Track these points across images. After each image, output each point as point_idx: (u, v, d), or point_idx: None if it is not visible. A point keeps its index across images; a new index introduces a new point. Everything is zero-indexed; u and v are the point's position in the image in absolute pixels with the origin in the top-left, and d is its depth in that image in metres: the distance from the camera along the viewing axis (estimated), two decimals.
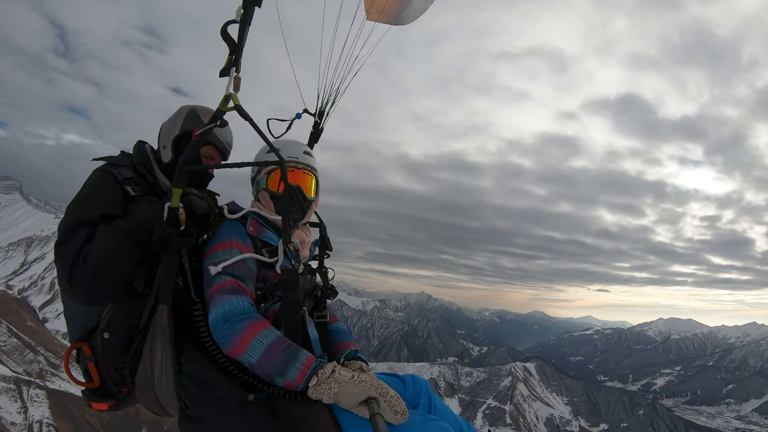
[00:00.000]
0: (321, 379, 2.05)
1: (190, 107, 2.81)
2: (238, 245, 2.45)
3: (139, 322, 2.32)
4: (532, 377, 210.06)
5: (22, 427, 59.55)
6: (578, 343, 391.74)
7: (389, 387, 2.10)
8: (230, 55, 2.28)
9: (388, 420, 2.01)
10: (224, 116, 2.35)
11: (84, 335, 2.48)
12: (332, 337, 2.87)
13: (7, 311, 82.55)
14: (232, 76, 2.28)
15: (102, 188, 2.48)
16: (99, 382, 2.45)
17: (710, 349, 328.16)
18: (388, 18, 3.47)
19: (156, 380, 2.24)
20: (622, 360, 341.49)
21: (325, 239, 2.98)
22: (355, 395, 2.04)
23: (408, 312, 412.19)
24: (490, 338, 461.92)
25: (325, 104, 3.35)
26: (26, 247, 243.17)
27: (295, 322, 2.34)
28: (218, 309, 2.19)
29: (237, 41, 2.26)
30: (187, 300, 2.33)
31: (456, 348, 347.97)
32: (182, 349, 2.26)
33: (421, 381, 2.62)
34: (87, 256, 2.25)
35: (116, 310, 2.42)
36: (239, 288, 2.28)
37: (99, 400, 2.54)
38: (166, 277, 2.28)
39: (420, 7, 3.60)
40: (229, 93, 2.29)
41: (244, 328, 2.13)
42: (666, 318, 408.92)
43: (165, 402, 2.28)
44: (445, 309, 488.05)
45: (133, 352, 2.32)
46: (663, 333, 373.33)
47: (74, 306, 2.57)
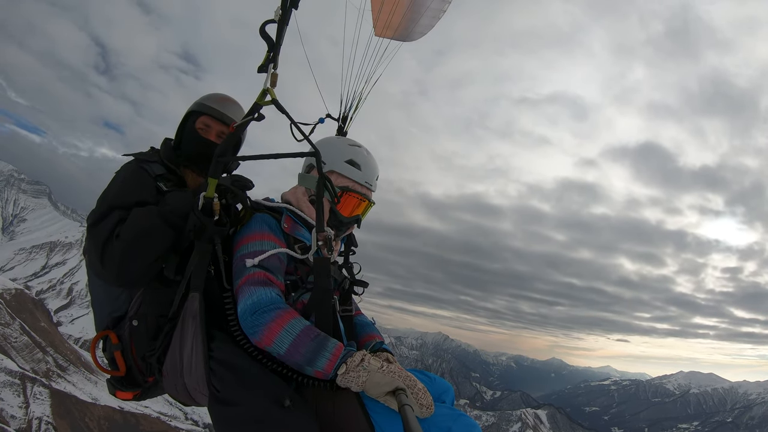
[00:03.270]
0: (350, 367, 2.04)
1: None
2: (271, 238, 2.42)
3: (168, 311, 2.34)
4: (542, 425, 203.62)
5: (22, 422, 60.21)
6: (595, 393, 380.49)
7: (417, 379, 2.11)
8: (268, 53, 2.38)
9: (415, 412, 1.99)
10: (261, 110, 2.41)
11: (111, 323, 2.48)
12: (358, 329, 2.86)
13: (23, 310, 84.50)
14: (269, 72, 2.38)
15: (136, 179, 2.55)
16: (125, 370, 2.45)
17: (730, 405, 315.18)
18: (397, 35, 3.48)
19: (185, 367, 2.22)
20: (638, 412, 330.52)
21: (352, 235, 2.98)
22: (383, 385, 2.04)
23: (423, 351, 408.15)
24: (505, 383, 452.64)
25: (348, 109, 3.32)
26: (49, 251, 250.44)
27: (326, 311, 2.35)
28: (246, 300, 2.18)
29: (275, 39, 2.37)
30: (218, 288, 2.34)
31: (469, 390, 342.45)
32: (212, 336, 2.26)
33: (448, 385, 2.63)
34: (120, 233, 2.29)
35: (145, 298, 2.42)
36: (268, 280, 2.26)
37: (124, 389, 2.52)
38: (198, 265, 2.29)
39: (427, 24, 3.62)
40: (266, 88, 2.37)
41: (272, 319, 2.11)
42: (686, 371, 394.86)
43: (194, 389, 2.25)
44: (462, 350, 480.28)
45: (161, 339, 2.32)
46: (682, 386, 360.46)
47: (102, 294, 2.56)
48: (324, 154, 2.58)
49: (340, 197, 2.61)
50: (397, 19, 3.41)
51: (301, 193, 2.71)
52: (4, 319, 77.04)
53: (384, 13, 3.38)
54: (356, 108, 3.33)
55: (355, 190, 2.63)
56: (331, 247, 2.48)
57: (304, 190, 2.71)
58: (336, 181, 2.62)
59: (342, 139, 2.87)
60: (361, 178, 2.65)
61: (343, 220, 2.65)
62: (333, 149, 2.68)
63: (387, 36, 3.36)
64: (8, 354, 70.98)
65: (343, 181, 2.63)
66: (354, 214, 2.69)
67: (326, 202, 2.59)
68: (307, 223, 2.62)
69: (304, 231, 2.59)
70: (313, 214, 2.59)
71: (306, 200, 2.68)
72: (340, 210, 2.62)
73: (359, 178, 2.65)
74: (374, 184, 2.75)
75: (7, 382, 62.94)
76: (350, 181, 2.63)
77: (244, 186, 2.72)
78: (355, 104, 3.32)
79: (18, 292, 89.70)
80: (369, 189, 2.72)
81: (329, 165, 2.63)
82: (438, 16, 3.62)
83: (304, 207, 2.66)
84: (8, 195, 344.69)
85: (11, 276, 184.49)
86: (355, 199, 2.65)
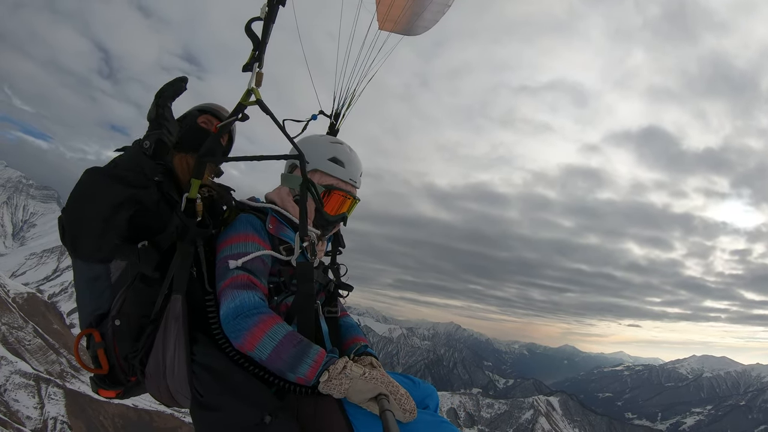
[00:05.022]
0: (332, 375, 2.03)
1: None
2: (255, 239, 2.39)
3: (150, 311, 2.30)
4: (554, 411, 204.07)
5: (38, 422, 61.42)
6: (608, 379, 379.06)
7: (400, 385, 2.10)
8: (253, 51, 2.31)
9: (397, 418, 1.99)
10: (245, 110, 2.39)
11: (95, 321, 2.44)
12: (342, 331, 2.83)
13: (35, 313, 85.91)
14: (254, 72, 2.32)
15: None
16: (108, 369, 2.42)
17: (743, 388, 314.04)
18: (401, 29, 3.46)
19: (168, 370, 2.20)
20: (651, 397, 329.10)
21: (339, 235, 2.93)
22: (365, 392, 2.03)
23: (435, 341, 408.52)
24: (518, 371, 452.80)
25: (341, 106, 3.24)
26: (60, 255, 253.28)
27: (308, 315, 2.35)
28: (229, 303, 2.16)
29: (261, 38, 2.30)
30: (200, 291, 2.31)
31: (482, 379, 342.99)
32: (195, 339, 2.24)
33: (432, 389, 2.63)
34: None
35: (128, 296, 2.37)
36: (251, 283, 2.24)
37: (107, 387, 2.50)
38: (181, 266, 2.25)
39: (431, 19, 3.60)
40: (251, 88, 2.32)
41: (254, 324, 2.09)
42: (699, 355, 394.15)
43: (176, 391, 2.23)
44: (474, 340, 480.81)
45: (144, 341, 2.28)
46: (695, 371, 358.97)
47: (86, 291, 2.53)
48: (307, 153, 2.53)
49: (324, 196, 2.60)
50: (399, 12, 3.37)
51: (285, 193, 2.67)
52: (18, 323, 78.39)
53: (387, 6, 3.34)
54: (349, 105, 3.25)
55: (340, 187, 2.62)
56: (314, 251, 2.45)
57: (288, 190, 2.68)
58: (320, 180, 2.61)
59: (324, 137, 2.84)
60: (346, 176, 2.63)
61: (329, 218, 2.63)
62: (315, 147, 2.65)
63: (390, 30, 3.34)
64: (22, 356, 72.29)
65: (328, 180, 2.61)
66: (340, 212, 2.67)
67: (311, 202, 2.56)
68: (292, 223, 2.59)
69: (289, 231, 2.56)
70: (298, 214, 2.53)
71: (291, 200, 2.64)
72: (325, 209, 2.61)
73: (343, 176, 2.63)
74: (359, 180, 2.72)
75: (22, 383, 64.11)
76: (334, 179, 2.61)
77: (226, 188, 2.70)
78: (349, 101, 3.24)
79: (30, 296, 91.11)
80: (354, 186, 2.69)
81: (312, 164, 2.60)
82: (443, 11, 3.58)
83: (290, 207, 2.63)
84: (18, 201, 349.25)
85: (23, 281, 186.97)
86: (340, 197, 2.64)
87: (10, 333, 75.71)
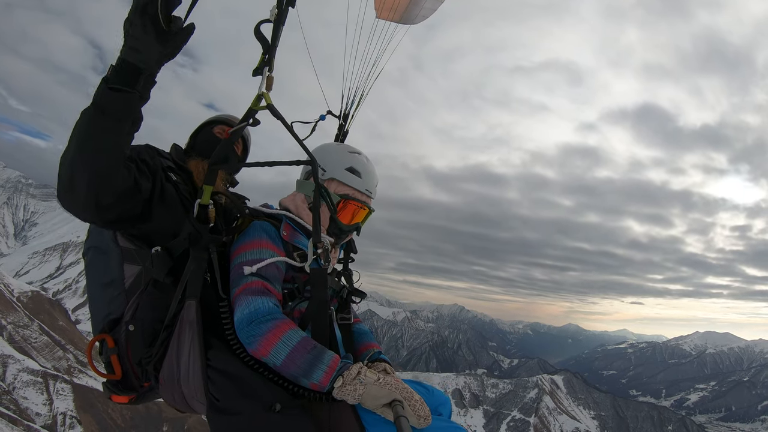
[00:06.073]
0: (346, 380, 2.03)
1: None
2: (269, 246, 2.39)
3: (165, 316, 2.28)
4: (559, 390, 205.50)
5: (47, 418, 62.22)
6: (612, 357, 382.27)
7: (414, 391, 2.09)
8: (263, 55, 2.23)
9: (412, 424, 1.99)
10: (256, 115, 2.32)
11: (108, 326, 2.41)
12: (355, 338, 2.84)
13: (40, 311, 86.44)
14: (265, 76, 2.25)
15: (148, 150, 2.56)
16: (121, 374, 2.40)
17: (747, 364, 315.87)
18: (398, 17, 3.40)
19: (182, 375, 2.19)
20: (655, 374, 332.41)
21: (351, 242, 2.93)
22: (379, 397, 2.02)
23: (439, 323, 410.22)
24: (523, 351, 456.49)
25: (350, 106, 3.24)
26: (62, 252, 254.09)
27: (322, 322, 2.35)
28: (243, 310, 2.16)
29: (270, 41, 2.22)
30: (214, 296, 2.29)
31: (486, 360, 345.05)
32: (209, 344, 2.22)
33: (446, 397, 2.63)
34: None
35: (141, 302, 2.37)
36: (265, 289, 2.24)
37: (120, 393, 2.49)
38: (195, 272, 2.23)
39: (430, 8, 3.56)
40: (261, 92, 2.26)
41: (269, 329, 2.09)
42: (702, 332, 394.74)
43: (191, 397, 2.22)
44: (478, 321, 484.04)
45: (158, 347, 2.26)
46: (698, 347, 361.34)
47: (98, 295, 2.51)
48: (323, 162, 2.57)
49: (339, 205, 2.58)
50: (398, 1, 3.32)
51: (300, 200, 2.67)
52: (23, 321, 78.95)
53: None
54: (358, 104, 3.24)
55: (355, 197, 2.61)
56: (328, 258, 2.47)
57: (304, 197, 2.67)
58: (336, 189, 2.59)
59: (341, 145, 2.81)
60: (362, 186, 2.62)
61: (343, 227, 2.62)
62: (333, 156, 2.64)
63: (388, 18, 3.27)
64: (29, 354, 72.95)
65: (343, 189, 2.60)
66: (354, 221, 2.66)
67: (325, 210, 2.56)
68: (306, 230, 2.58)
69: (303, 238, 2.55)
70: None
71: (305, 207, 2.63)
72: (339, 218, 2.59)
73: (359, 186, 2.62)
74: (374, 191, 2.71)
75: (30, 381, 64.70)
76: (350, 189, 2.60)
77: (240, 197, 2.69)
78: (357, 100, 3.21)
79: (34, 294, 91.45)
80: (369, 197, 2.68)
81: (329, 172, 2.60)
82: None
83: (304, 214, 2.62)
84: (18, 201, 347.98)
85: (27, 279, 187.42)
86: (355, 207, 2.63)
87: (16, 332, 76.29)
